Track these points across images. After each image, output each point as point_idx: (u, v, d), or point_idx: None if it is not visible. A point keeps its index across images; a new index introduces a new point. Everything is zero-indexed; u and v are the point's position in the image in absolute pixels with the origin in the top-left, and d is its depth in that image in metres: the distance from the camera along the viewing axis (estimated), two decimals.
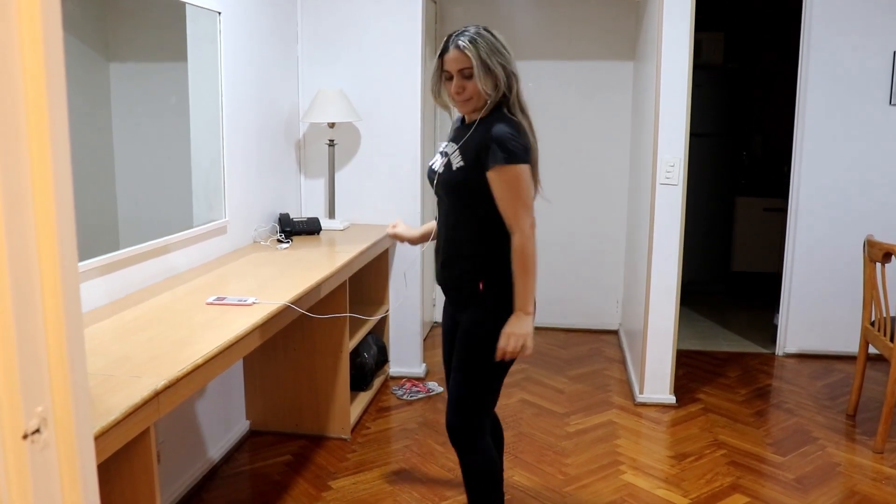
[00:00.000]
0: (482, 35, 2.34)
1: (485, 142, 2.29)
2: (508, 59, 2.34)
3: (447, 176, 2.41)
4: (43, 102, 0.75)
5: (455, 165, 2.38)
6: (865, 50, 4.66)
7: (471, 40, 2.32)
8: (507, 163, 2.26)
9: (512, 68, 2.35)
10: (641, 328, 4.22)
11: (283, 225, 3.94)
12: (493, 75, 2.31)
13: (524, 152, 2.29)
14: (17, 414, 0.75)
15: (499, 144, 2.26)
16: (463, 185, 2.38)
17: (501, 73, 2.32)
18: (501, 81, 2.33)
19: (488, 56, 2.30)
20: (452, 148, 2.43)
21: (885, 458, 3.54)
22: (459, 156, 2.37)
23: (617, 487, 3.27)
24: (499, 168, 2.26)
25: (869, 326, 3.81)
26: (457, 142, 2.42)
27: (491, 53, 2.31)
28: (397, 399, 4.20)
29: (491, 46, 2.32)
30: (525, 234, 2.30)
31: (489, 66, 2.30)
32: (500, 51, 2.33)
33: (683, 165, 3.96)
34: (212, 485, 3.27)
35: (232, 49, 3.49)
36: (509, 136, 2.27)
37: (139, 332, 2.30)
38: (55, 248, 0.77)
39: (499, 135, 2.27)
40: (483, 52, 2.30)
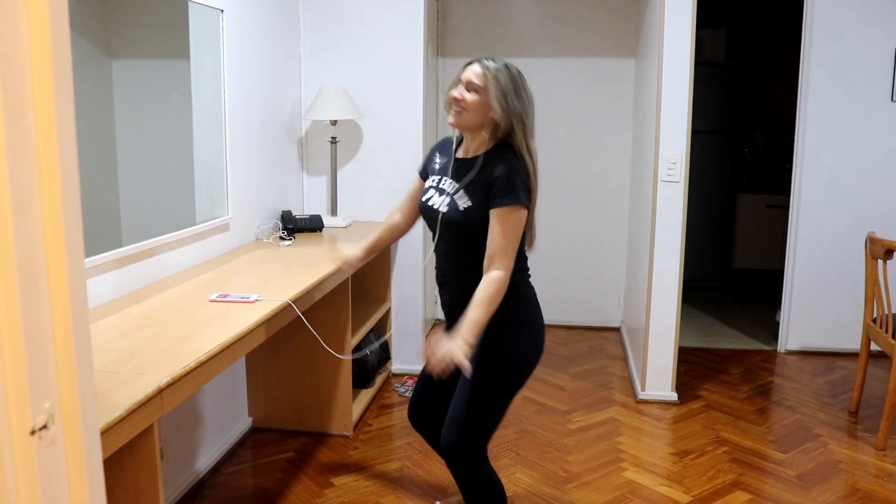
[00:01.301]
0: (511, 72, 2.31)
1: (494, 180, 2.27)
2: (520, 104, 2.30)
3: (454, 217, 2.35)
4: (50, 101, 0.75)
5: (462, 206, 2.33)
6: (867, 46, 4.66)
7: (497, 69, 2.30)
8: (516, 204, 2.25)
9: (519, 112, 2.30)
10: (643, 325, 4.22)
11: (285, 222, 3.95)
12: (500, 105, 2.28)
13: (525, 193, 2.28)
14: (24, 410, 0.75)
15: (511, 184, 2.25)
16: (473, 226, 2.33)
17: (500, 110, 2.28)
18: (499, 117, 2.29)
19: (505, 89, 2.28)
20: (453, 186, 2.37)
21: (886, 455, 3.54)
22: (465, 196, 2.33)
23: (618, 484, 3.28)
24: (507, 209, 2.25)
25: (871, 323, 3.82)
26: (457, 179, 2.37)
27: (507, 90, 2.28)
28: (399, 396, 4.20)
29: (512, 84, 2.29)
30: (507, 273, 2.26)
31: (494, 95, 2.28)
32: (517, 92, 2.30)
33: (685, 162, 3.96)
34: (214, 481, 3.28)
35: (234, 46, 3.49)
36: (520, 176, 2.28)
37: (142, 328, 2.30)
38: (62, 247, 0.78)
39: (509, 174, 2.26)
40: (502, 82, 2.28)
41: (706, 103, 5.99)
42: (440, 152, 2.54)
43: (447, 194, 2.39)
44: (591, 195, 5.46)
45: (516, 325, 2.38)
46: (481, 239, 2.31)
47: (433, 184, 2.48)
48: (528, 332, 2.43)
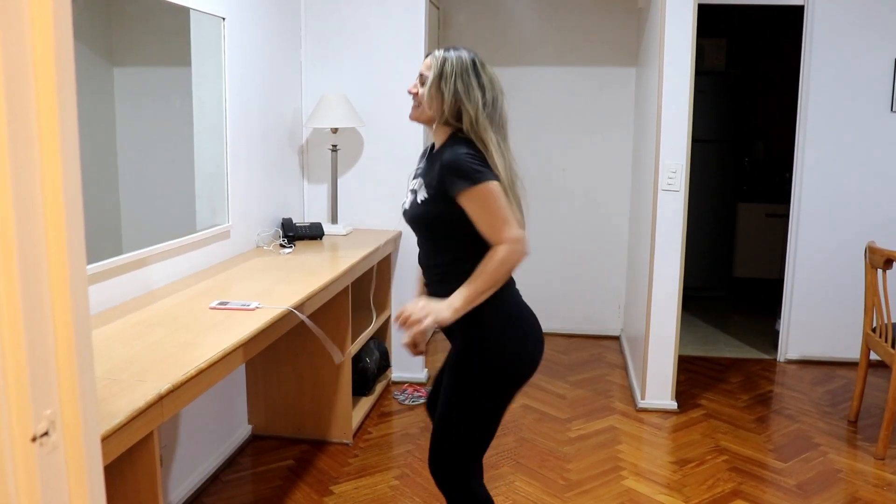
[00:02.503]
0: (463, 57, 2.21)
1: (441, 168, 2.16)
2: (464, 88, 2.18)
3: (414, 211, 2.28)
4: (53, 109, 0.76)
5: (419, 198, 2.25)
6: (866, 57, 4.67)
7: (445, 56, 2.21)
8: (474, 183, 2.09)
9: (461, 95, 2.18)
10: (643, 334, 4.22)
11: (285, 230, 3.95)
12: (440, 93, 2.21)
13: (487, 169, 2.12)
14: (26, 417, 0.76)
15: (457, 168, 2.11)
16: (431, 217, 2.24)
17: (450, 97, 2.19)
18: (447, 105, 2.20)
19: (451, 75, 2.18)
20: (419, 183, 2.30)
21: (886, 465, 3.54)
22: (423, 188, 2.25)
23: (618, 493, 3.27)
24: (467, 192, 2.10)
25: (870, 332, 3.82)
26: (421, 176, 2.32)
27: (447, 74, 2.19)
28: (399, 404, 4.20)
29: (458, 68, 2.19)
30: (511, 246, 2.11)
31: (441, 84, 2.20)
32: (462, 77, 2.18)
33: (685, 171, 3.96)
34: (214, 489, 3.28)
35: (236, 54, 3.50)
36: (465, 156, 2.12)
37: (143, 336, 2.31)
38: (64, 254, 0.78)
39: (453, 159, 2.13)
40: (447, 68, 2.19)
41: (707, 112, 6.01)
42: (421, 157, 2.49)
43: (414, 192, 2.32)
44: (592, 203, 5.47)
45: (495, 331, 2.21)
46: (444, 230, 2.22)
47: (408, 187, 2.41)
48: (508, 336, 2.23)
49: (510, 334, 2.23)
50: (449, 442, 2.27)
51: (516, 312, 2.26)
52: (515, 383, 2.31)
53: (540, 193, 5.32)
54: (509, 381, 2.28)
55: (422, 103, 2.29)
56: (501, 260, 2.11)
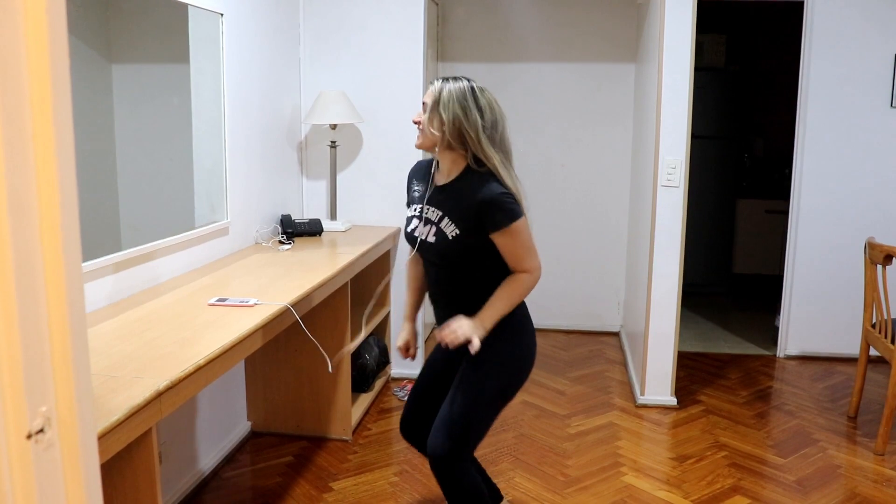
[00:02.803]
0: (460, 84, 2.31)
1: (478, 206, 2.26)
2: (464, 113, 2.27)
3: (444, 247, 2.36)
4: (48, 105, 0.75)
5: (450, 235, 2.33)
6: (866, 52, 4.66)
7: (443, 82, 2.32)
8: (513, 221, 2.26)
9: (460, 120, 2.27)
10: (643, 330, 4.22)
11: (284, 226, 3.95)
12: (439, 117, 2.29)
13: (519, 205, 2.29)
14: (21, 414, 0.75)
15: (498, 208, 2.25)
16: (464, 252, 2.35)
17: (449, 121, 2.28)
18: (447, 128, 2.28)
19: (448, 101, 2.28)
20: (436, 215, 2.38)
21: (885, 460, 3.54)
22: (451, 224, 2.33)
23: (618, 489, 3.27)
24: (505, 230, 2.27)
25: (870, 328, 3.82)
26: (439, 207, 2.38)
27: (452, 101, 2.28)
28: (398, 400, 4.20)
29: (459, 96, 2.28)
30: (531, 274, 2.33)
31: (440, 109, 2.29)
32: (461, 102, 2.28)
33: (685, 167, 3.96)
34: (213, 486, 3.28)
35: (234, 51, 3.49)
36: (502, 195, 2.26)
37: (141, 332, 2.30)
38: (59, 250, 0.78)
39: (493, 198, 2.25)
40: (445, 94, 2.29)
41: (706, 109, 6.01)
42: (416, 179, 2.56)
43: (432, 223, 2.39)
44: (591, 200, 5.46)
45: (510, 335, 2.40)
46: (471, 260, 2.36)
47: (416, 213, 2.48)
48: (522, 341, 2.46)
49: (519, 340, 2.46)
50: (460, 436, 2.41)
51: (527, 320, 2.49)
52: (521, 382, 2.52)
53: (539, 190, 5.31)
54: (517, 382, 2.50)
55: (423, 131, 2.37)
56: (525, 287, 2.34)
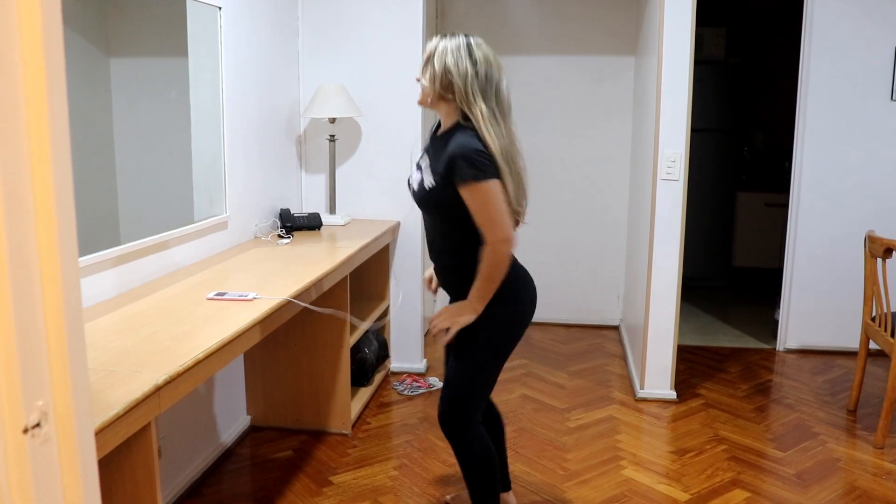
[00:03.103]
0: (455, 38, 2.34)
1: (449, 159, 2.29)
2: (458, 63, 2.29)
3: (422, 195, 2.44)
4: (42, 98, 0.75)
5: (427, 184, 2.41)
6: (867, 45, 4.65)
7: (441, 40, 2.36)
8: (476, 180, 2.25)
9: (453, 71, 2.30)
10: (642, 323, 4.22)
11: (283, 220, 3.94)
12: (431, 69, 2.34)
13: (491, 167, 2.26)
14: (17, 408, 0.75)
15: (465, 160, 2.25)
16: (437, 203, 2.40)
17: (440, 71, 2.32)
18: (437, 79, 2.33)
19: (441, 53, 2.32)
20: (425, 163, 2.46)
21: (885, 454, 3.54)
22: (430, 174, 2.40)
23: (617, 483, 3.27)
24: (468, 185, 2.26)
25: (870, 322, 3.81)
26: (428, 157, 2.46)
27: (444, 53, 2.31)
28: (398, 394, 4.20)
29: (452, 48, 2.32)
30: (496, 248, 2.30)
31: (434, 60, 2.33)
32: (456, 55, 2.30)
33: (684, 160, 3.95)
34: (212, 480, 3.28)
35: (232, 44, 3.48)
36: (473, 150, 2.25)
37: (140, 327, 2.30)
38: (55, 243, 0.77)
39: (462, 150, 2.26)
40: (439, 48, 2.33)
41: (706, 101, 6.00)
42: (430, 135, 2.61)
43: (420, 171, 2.48)
44: (591, 193, 5.46)
45: (500, 299, 2.40)
46: (451, 212, 2.37)
47: (416, 161, 2.57)
48: (511, 306, 2.46)
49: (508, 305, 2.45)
50: (457, 392, 2.52)
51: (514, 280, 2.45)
52: (515, 337, 2.54)
53: (538, 183, 5.31)
54: (510, 337, 2.52)
55: (422, 87, 2.43)
56: (492, 262, 2.32)
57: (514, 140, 2.38)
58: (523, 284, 2.51)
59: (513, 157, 2.34)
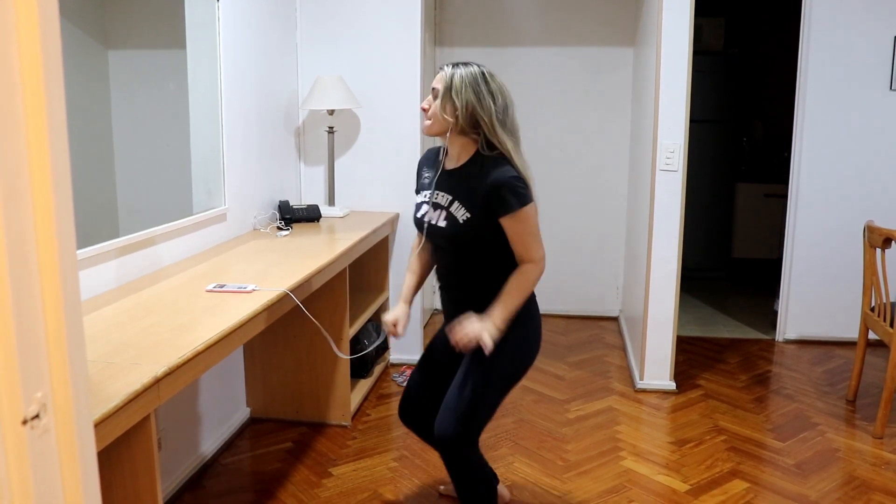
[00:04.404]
0: (471, 70, 2.33)
1: (489, 189, 2.29)
2: (476, 98, 2.29)
3: (455, 231, 2.37)
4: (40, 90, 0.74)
5: (461, 219, 2.36)
6: (866, 35, 4.64)
7: (454, 67, 2.34)
8: (523, 206, 2.29)
9: (473, 104, 2.29)
10: (641, 314, 4.22)
11: (282, 212, 3.94)
12: (452, 103, 2.32)
13: (529, 190, 2.32)
14: (16, 399, 0.75)
15: (510, 191, 2.27)
16: (473, 236, 2.37)
17: (462, 107, 2.30)
18: (460, 113, 2.30)
19: (461, 86, 2.30)
20: (446, 199, 2.41)
21: (884, 444, 3.55)
22: (462, 207, 2.36)
23: (617, 473, 3.28)
24: (514, 214, 2.29)
25: (869, 312, 3.82)
26: (449, 192, 2.41)
27: (465, 87, 2.30)
28: (398, 386, 4.20)
29: (471, 82, 2.31)
30: (537, 265, 2.35)
31: (452, 94, 2.31)
32: (474, 87, 2.30)
33: (683, 151, 3.95)
34: (212, 472, 3.29)
35: (231, 36, 3.47)
36: (514, 179, 2.28)
37: (139, 319, 2.30)
38: (53, 235, 0.77)
39: (504, 181, 2.28)
40: (457, 80, 2.31)
41: (705, 92, 5.99)
42: (426, 166, 2.59)
43: (442, 208, 2.42)
44: (590, 184, 5.45)
45: (520, 321, 2.41)
46: (480, 245, 2.38)
47: (425, 199, 2.50)
48: (530, 327, 2.48)
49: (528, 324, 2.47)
50: (469, 419, 2.44)
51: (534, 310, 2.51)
52: (528, 366, 2.54)
53: (537, 174, 5.28)
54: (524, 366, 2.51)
55: (434, 117, 2.38)
56: (531, 280, 2.36)
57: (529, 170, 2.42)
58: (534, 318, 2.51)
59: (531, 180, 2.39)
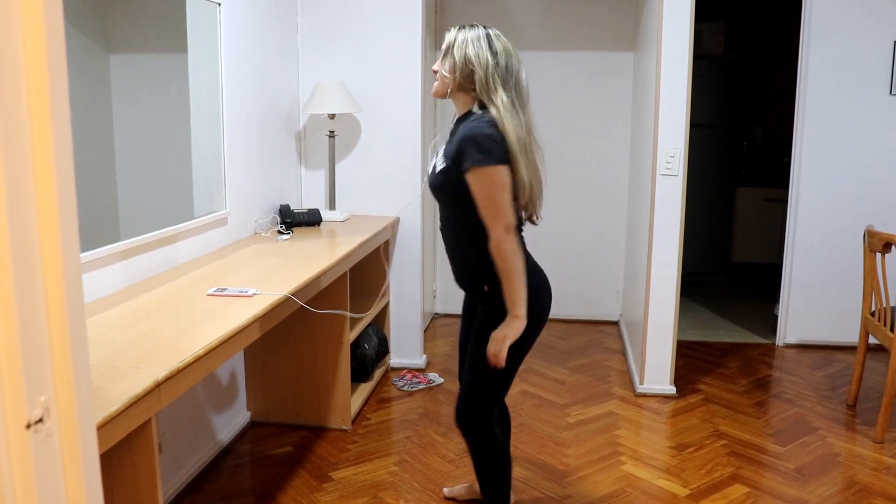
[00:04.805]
0: (475, 30, 2.35)
1: (460, 141, 2.29)
2: (477, 54, 2.31)
3: (433, 178, 2.44)
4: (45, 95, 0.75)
5: (438, 167, 2.40)
6: (866, 40, 4.65)
7: (461, 30, 2.36)
8: (482, 164, 2.22)
9: (473, 61, 2.30)
10: (642, 319, 4.22)
11: (283, 216, 3.94)
12: (452, 60, 2.35)
13: (500, 153, 2.24)
14: (20, 403, 0.75)
15: (475, 145, 2.23)
16: (446, 187, 2.38)
17: (461, 61, 2.32)
18: (458, 69, 2.33)
19: (462, 44, 2.33)
20: (440, 150, 2.47)
21: (884, 448, 3.54)
22: (443, 158, 2.39)
23: (617, 478, 3.28)
24: (474, 170, 2.24)
25: (869, 316, 3.82)
26: (444, 144, 2.47)
27: (465, 44, 2.32)
28: (398, 390, 4.20)
29: (473, 38, 2.33)
30: (499, 237, 2.26)
31: (454, 52, 2.34)
32: (477, 45, 2.32)
33: (684, 156, 3.95)
34: (213, 475, 3.28)
35: (232, 40, 3.48)
36: (483, 135, 2.24)
37: (141, 322, 2.30)
38: (57, 239, 0.78)
39: (472, 134, 2.25)
40: (459, 39, 2.34)
41: (705, 97, 6.00)
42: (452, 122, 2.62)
43: (435, 157, 2.49)
44: (590, 189, 5.46)
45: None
46: (460, 200, 2.34)
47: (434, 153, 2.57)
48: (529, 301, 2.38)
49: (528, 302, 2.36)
50: (475, 390, 2.50)
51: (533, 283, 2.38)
52: (535, 331, 2.47)
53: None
54: (530, 332, 2.42)
55: (439, 77, 2.41)
56: (502, 256, 2.26)
57: (533, 130, 2.38)
58: (534, 276, 2.41)
59: (530, 147, 2.34)
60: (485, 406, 2.53)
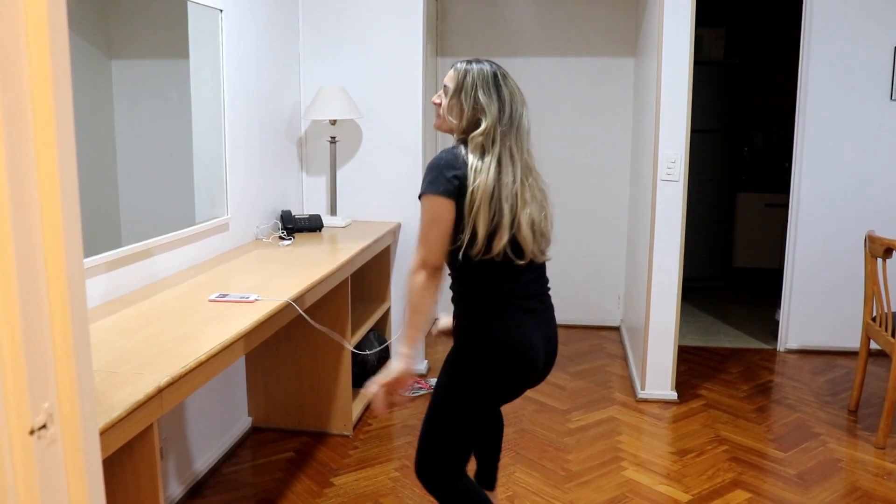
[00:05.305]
0: (484, 69, 2.22)
1: None
2: (485, 96, 2.17)
3: None
4: (49, 102, 0.75)
5: None
6: (866, 45, 4.66)
7: (467, 68, 2.22)
8: (423, 193, 2.15)
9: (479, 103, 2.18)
10: (643, 324, 4.22)
11: (284, 222, 3.94)
12: (459, 107, 2.21)
13: (444, 183, 2.11)
14: (23, 410, 0.75)
15: (426, 172, 2.17)
16: None
17: (469, 109, 2.19)
18: (466, 117, 2.20)
19: (470, 88, 2.19)
20: None
21: (886, 454, 3.54)
22: None
23: (618, 483, 3.28)
24: (422, 198, 2.16)
25: (870, 322, 3.82)
26: None
27: (473, 88, 2.18)
28: (398, 396, 4.19)
29: (479, 78, 2.19)
30: (412, 267, 2.16)
31: (462, 95, 2.19)
32: (483, 86, 2.18)
33: (684, 161, 3.96)
34: (214, 481, 3.28)
35: (233, 46, 3.49)
36: (436, 166, 2.14)
37: (142, 328, 2.30)
38: (61, 246, 0.78)
39: (431, 165, 2.17)
40: (468, 81, 2.19)
41: (705, 102, 6.00)
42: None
43: None
44: (591, 194, 5.46)
45: (467, 349, 2.26)
46: None
47: None
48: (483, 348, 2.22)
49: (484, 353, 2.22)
50: (440, 440, 2.31)
51: (496, 335, 2.21)
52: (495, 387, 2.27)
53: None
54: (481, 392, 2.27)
55: (441, 114, 2.30)
56: (408, 287, 2.20)
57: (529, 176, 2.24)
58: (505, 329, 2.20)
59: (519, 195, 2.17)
60: (445, 459, 2.29)
